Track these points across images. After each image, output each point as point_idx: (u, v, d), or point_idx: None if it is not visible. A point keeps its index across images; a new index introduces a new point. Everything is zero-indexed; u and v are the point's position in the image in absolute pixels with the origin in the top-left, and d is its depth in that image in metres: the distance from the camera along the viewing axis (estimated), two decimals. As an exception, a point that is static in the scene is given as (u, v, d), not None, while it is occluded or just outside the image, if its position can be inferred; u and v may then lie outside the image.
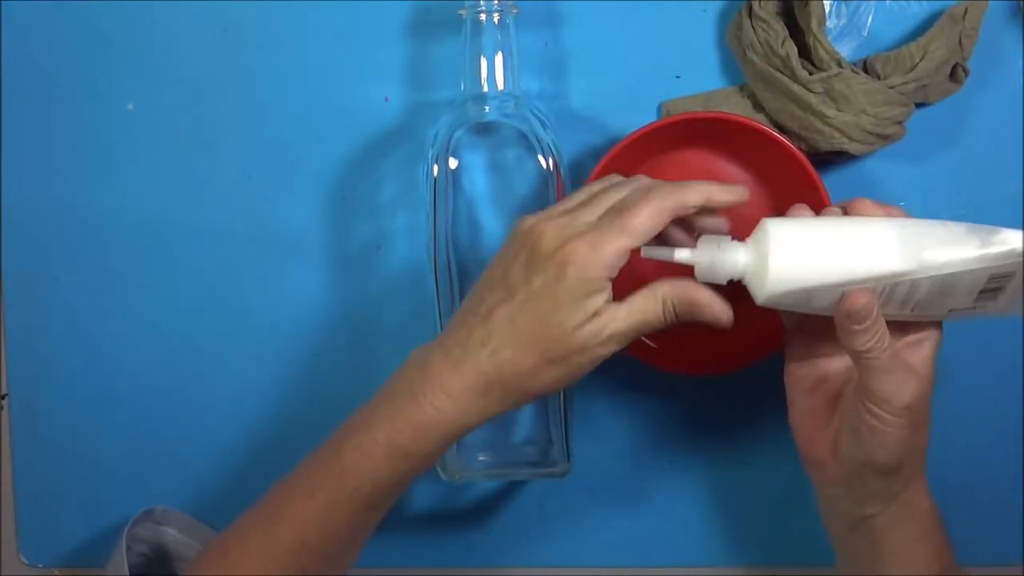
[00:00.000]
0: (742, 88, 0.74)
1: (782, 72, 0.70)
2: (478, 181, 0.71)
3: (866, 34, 0.73)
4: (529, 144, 0.70)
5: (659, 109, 0.74)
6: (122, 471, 0.78)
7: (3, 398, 0.79)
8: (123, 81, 0.76)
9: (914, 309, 0.60)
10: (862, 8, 0.73)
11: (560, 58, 0.74)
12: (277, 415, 0.78)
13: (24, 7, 0.76)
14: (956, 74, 0.71)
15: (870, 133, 0.70)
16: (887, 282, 0.58)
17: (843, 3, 0.73)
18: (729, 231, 0.63)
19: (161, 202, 0.76)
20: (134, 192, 0.76)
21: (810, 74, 0.69)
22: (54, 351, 0.78)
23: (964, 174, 0.74)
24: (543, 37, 0.74)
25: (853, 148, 0.70)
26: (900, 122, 0.70)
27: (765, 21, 0.70)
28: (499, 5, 0.69)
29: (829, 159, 0.72)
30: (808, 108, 0.70)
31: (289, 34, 0.75)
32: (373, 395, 0.62)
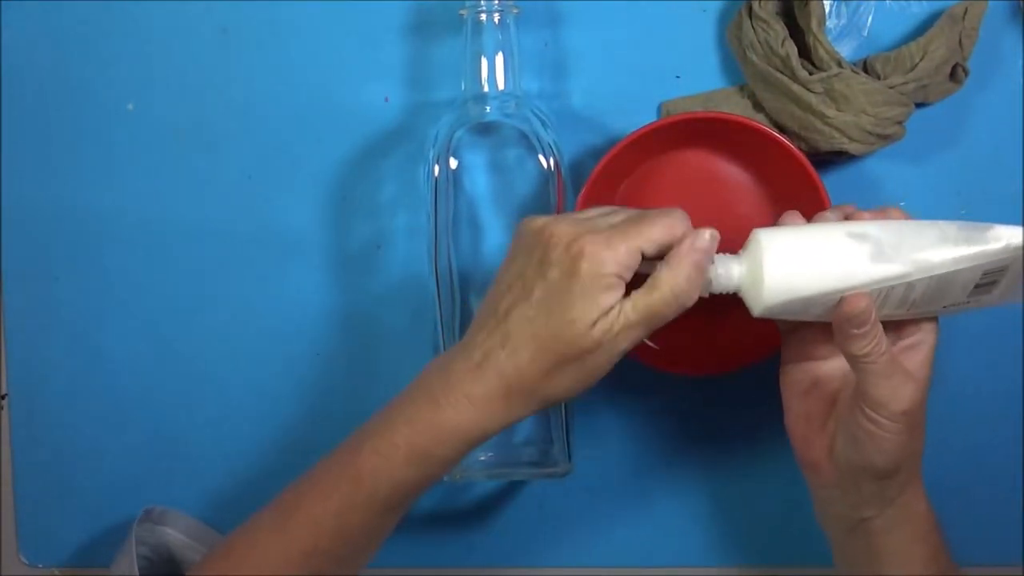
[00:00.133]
0: (742, 88, 0.74)
1: (782, 72, 0.70)
2: (479, 181, 0.71)
3: (866, 34, 0.73)
4: (530, 144, 0.70)
5: (659, 109, 0.74)
6: (122, 471, 0.78)
7: (3, 398, 0.79)
8: (123, 81, 0.76)
9: (910, 308, 0.60)
10: (862, 8, 0.73)
11: (560, 58, 0.74)
12: (277, 415, 0.77)
13: (24, 7, 0.76)
14: (956, 74, 0.71)
15: (870, 133, 0.70)
16: (883, 285, 0.58)
17: (843, 3, 0.73)
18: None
19: (161, 202, 0.76)
20: (134, 192, 0.76)
21: (810, 74, 0.69)
22: (54, 351, 0.78)
23: (964, 174, 0.74)
24: (543, 37, 0.74)
25: (853, 148, 0.70)
26: (900, 122, 0.70)
27: (765, 21, 0.70)
28: (499, 5, 0.69)
29: (829, 159, 0.72)
30: (808, 108, 0.70)
31: (289, 34, 0.75)
32: (392, 399, 0.61)
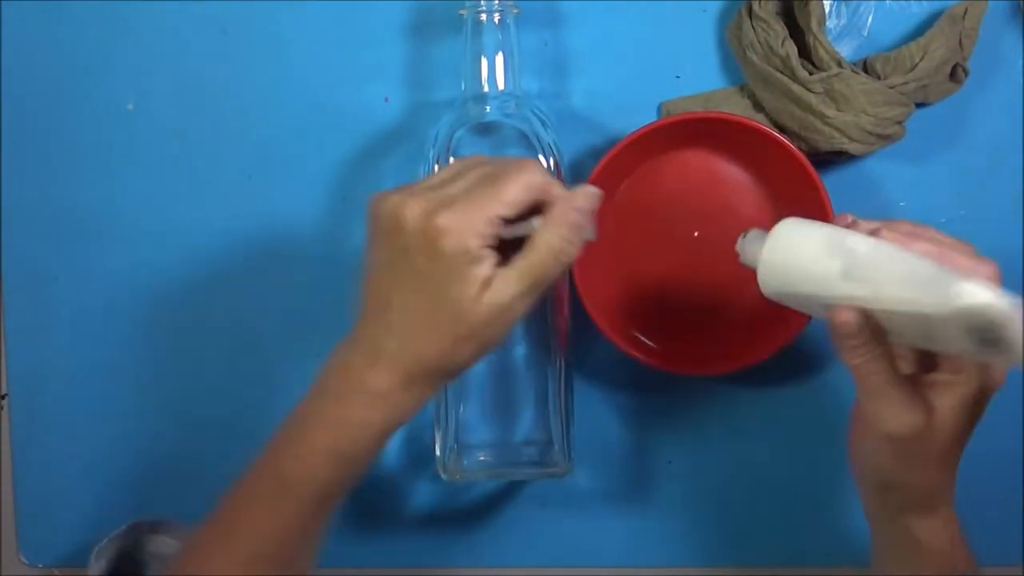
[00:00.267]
0: (742, 88, 0.74)
1: (782, 72, 0.70)
2: (479, 181, 0.71)
3: (866, 34, 0.73)
4: (530, 144, 0.70)
5: (659, 109, 0.74)
6: (122, 471, 0.78)
7: (3, 398, 0.79)
8: (123, 81, 0.76)
9: (903, 339, 0.56)
10: (862, 8, 0.73)
11: (560, 58, 0.74)
12: (277, 414, 0.77)
13: (24, 7, 0.76)
14: (956, 74, 0.71)
15: (870, 133, 0.70)
16: (851, 303, 0.55)
17: (843, 3, 0.73)
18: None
19: (161, 202, 0.76)
20: (134, 192, 0.76)
21: (810, 74, 0.69)
22: (54, 351, 0.78)
23: (964, 174, 0.74)
24: (543, 37, 0.74)
25: (853, 148, 0.70)
26: (900, 122, 0.70)
27: (765, 21, 0.70)
28: (500, 5, 0.69)
29: (829, 159, 0.72)
30: (808, 108, 0.70)
31: (289, 34, 0.75)
32: (304, 398, 0.61)
